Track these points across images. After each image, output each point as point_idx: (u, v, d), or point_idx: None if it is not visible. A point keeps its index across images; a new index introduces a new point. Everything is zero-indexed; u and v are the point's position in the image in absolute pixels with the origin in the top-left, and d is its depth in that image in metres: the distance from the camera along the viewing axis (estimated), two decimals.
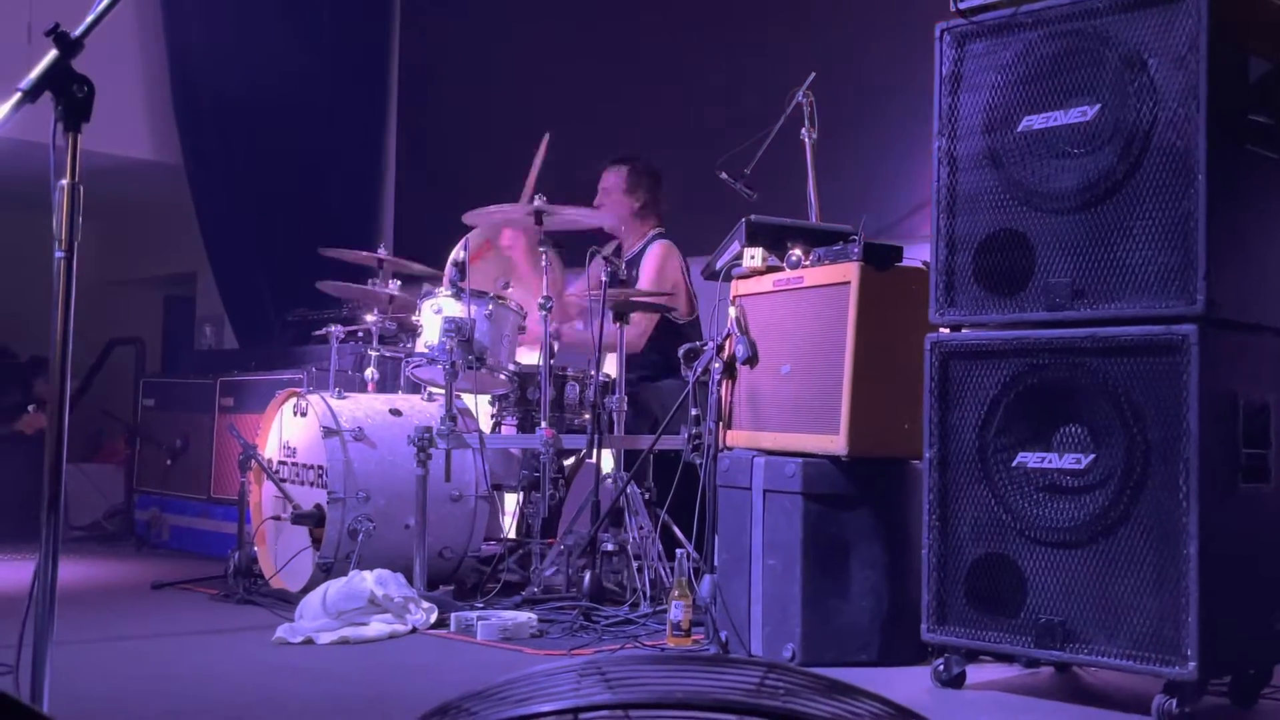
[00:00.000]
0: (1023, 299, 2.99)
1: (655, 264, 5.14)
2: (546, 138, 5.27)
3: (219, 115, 7.32)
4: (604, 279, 4.44)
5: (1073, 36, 2.93)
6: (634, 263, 5.21)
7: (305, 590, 4.19)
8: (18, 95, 1.95)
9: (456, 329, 4.40)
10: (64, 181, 1.99)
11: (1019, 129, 3.01)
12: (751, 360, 3.73)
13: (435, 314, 4.55)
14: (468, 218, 4.69)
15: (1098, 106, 2.88)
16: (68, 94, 1.97)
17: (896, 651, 3.40)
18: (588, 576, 4.14)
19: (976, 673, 3.18)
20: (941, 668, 3.09)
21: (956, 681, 3.09)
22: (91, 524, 6.86)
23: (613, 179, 5.34)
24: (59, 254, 2.00)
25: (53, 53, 1.97)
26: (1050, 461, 2.91)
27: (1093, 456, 2.84)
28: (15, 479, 6.13)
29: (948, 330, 3.16)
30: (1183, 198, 2.74)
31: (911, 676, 3.26)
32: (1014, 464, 2.97)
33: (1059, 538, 2.88)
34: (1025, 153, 3.00)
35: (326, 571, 4.34)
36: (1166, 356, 2.73)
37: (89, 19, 2.03)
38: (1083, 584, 2.84)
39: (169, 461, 6.38)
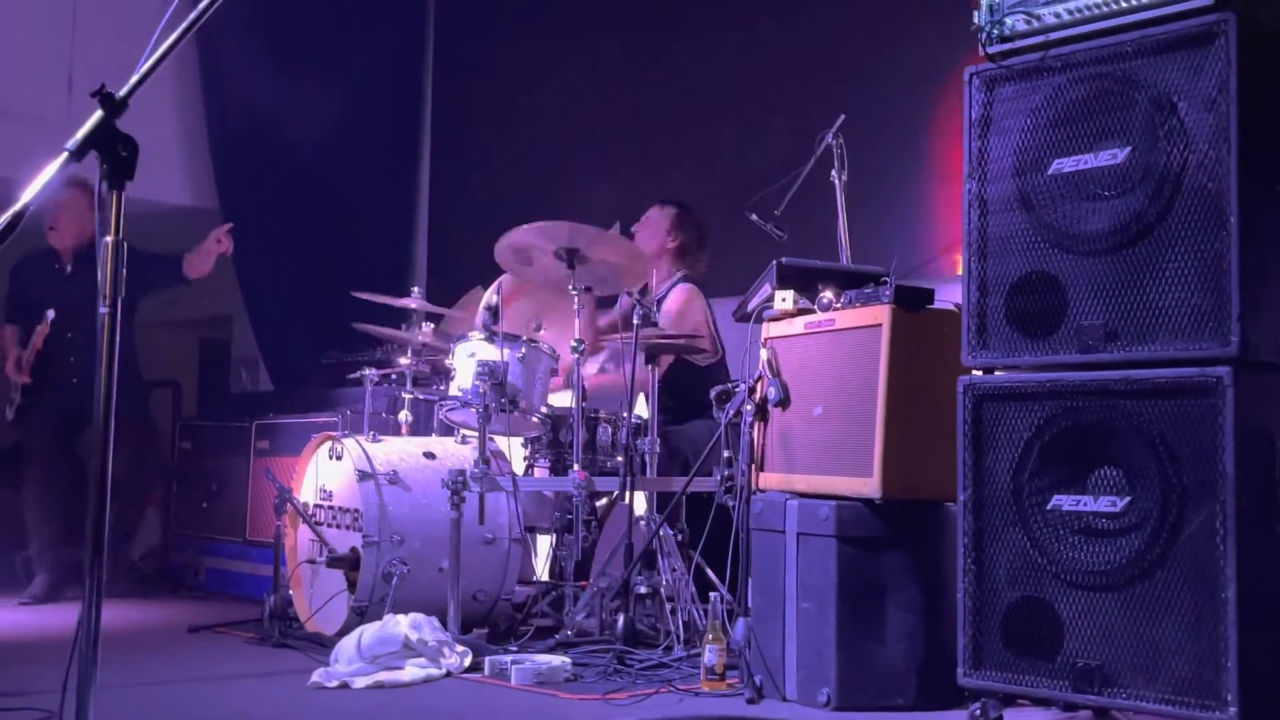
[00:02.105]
0: (1055, 341, 2.99)
1: (676, 306, 5.15)
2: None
3: (255, 161, 7.42)
4: (635, 320, 4.45)
5: (1102, 80, 2.94)
6: (659, 303, 5.23)
7: (340, 634, 4.20)
8: (64, 155, 1.99)
9: (490, 372, 4.43)
10: (108, 238, 2.03)
11: (1049, 172, 3.01)
12: (783, 402, 3.74)
13: (469, 357, 4.58)
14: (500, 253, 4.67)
15: (1128, 149, 2.89)
16: (112, 154, 2.01)
17: (932, 695, 3.38)
18: (621, 619, 4.13)
19: (1014, 717, 3.15)
20: (978, 712, 3.06)
21: None
22: (128, 566, 6.90)
23: (657, 213, 5.37)
24: (103, 309, 2.03)
25: (98, 113, 2.01)
26: (1085, 504, 2.90)
27: (1128, 499, 2.83)
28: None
29: (980, 372, 3.16)
30: (1215, 239, 2.74)
31: None
32: (1049, 507, 2.95)
33: (1095, 581, 2.86)
34: (1056, 195, 3.00)
35: (361, 615, 4.36)
36: (1201, 398, 2.72)
37: (133, 80, 2.07)
38: (1120, 627, 2.82)
39: (205, 504, 6.42)
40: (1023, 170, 3.06)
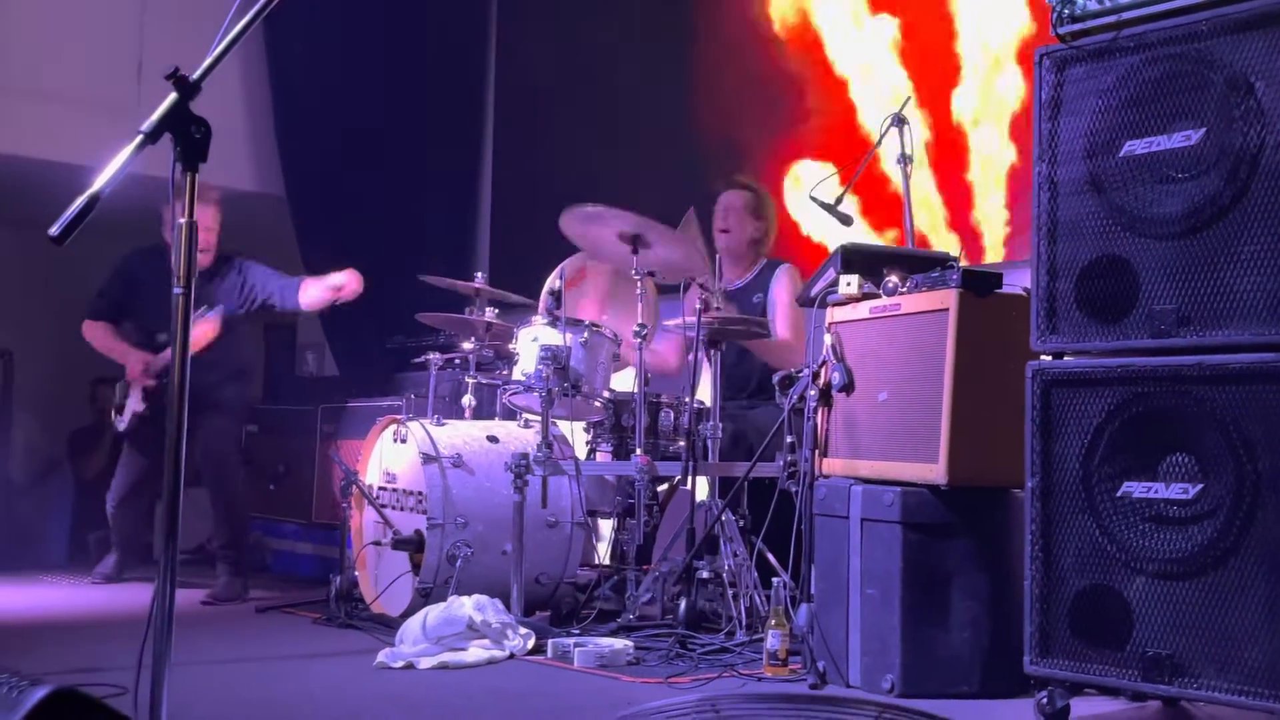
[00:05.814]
0: (1126, 326, 2.94)
1: (791, 291, 5.10)
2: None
3: (320, 146, 7.48)
4: (698, 307, 4.44)
5: (1176, 60, 2.89)
6: (750, 290, 5.18)
7: (405, 615, 4.24)
8: (139, 137, 2.02)
9: (553, 357, 4.44)
10: (182, 220, 2.06)
11: (1121, 154, 2.96)
12: (848, 388, 3.71)
13: (532, 342, 4.60)
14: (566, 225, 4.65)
15: (1203, 130, 2.83)
16: (186, 135, 2.04)
17: (998, 683, 3.35)
18: (683, 604, 4.14)
19: (1081, 706, 3.11)
20: (1045, 700, 3.03)
21: (1061, 715, 3.02)
22: (196, 547, 7.00)
23: (737, 201, 5.27)
24: (177, 290, 2.06)
25: (172, 95, 2.04)
26: (1156, 491, 2.85)
27: (1200, 486, 2.78)
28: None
29: (1049, 358, 3.12)
30: None
31: (1014, 709, 3.21)
32: (1119, 494, 2.91)
33: (1166, 569, 2.82)
34: (1128, 178, 2.95)
35: (425, 596, 4.40)
36: (1276, 384, 2.67)
37: (206, 63, 2.10)
38: (1191, 616, 2.78)
39: (272, 486, 6.50)
40: (1094, 152, 3.01)
